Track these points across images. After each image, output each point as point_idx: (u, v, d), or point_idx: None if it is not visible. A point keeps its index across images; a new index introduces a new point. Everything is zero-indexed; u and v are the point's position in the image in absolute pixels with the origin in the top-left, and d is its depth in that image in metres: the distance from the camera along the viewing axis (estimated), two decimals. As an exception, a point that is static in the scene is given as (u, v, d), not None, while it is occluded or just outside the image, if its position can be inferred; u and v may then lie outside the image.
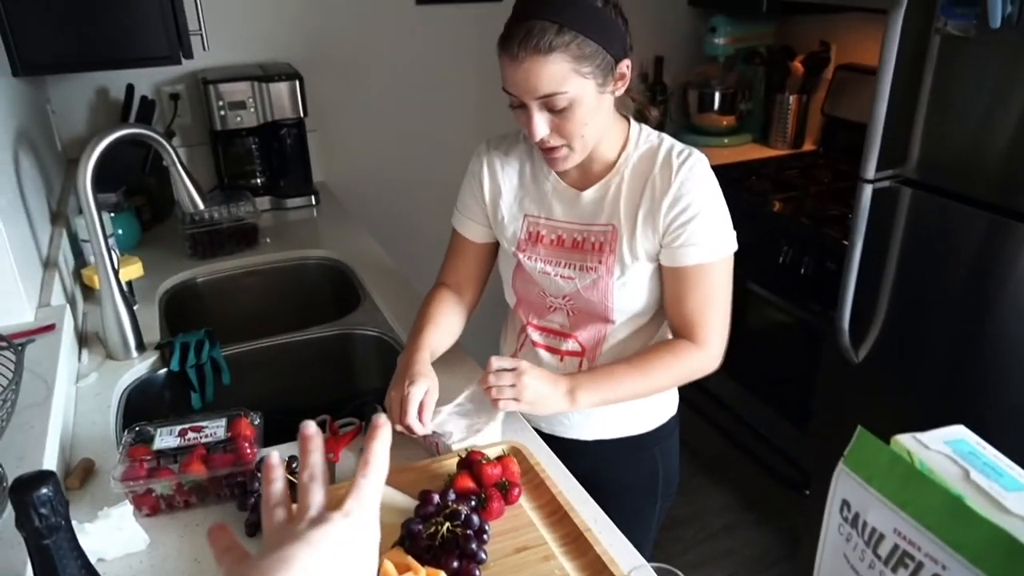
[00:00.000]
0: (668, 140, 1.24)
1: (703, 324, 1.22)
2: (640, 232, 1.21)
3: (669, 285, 1.23)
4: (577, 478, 1.14)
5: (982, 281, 1.62)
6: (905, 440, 0.57)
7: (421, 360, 1.24)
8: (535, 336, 1.37)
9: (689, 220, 1.17)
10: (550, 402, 1.15)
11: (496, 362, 1.15)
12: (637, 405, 1.33)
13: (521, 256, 1.31)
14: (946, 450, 0.55)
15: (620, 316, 1.27)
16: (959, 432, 0.58)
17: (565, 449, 1.23)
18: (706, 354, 1.23)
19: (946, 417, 0.59)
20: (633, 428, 1.39)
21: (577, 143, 1.16)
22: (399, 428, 1.17)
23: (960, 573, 0.49)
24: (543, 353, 1.36)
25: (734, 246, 1.22)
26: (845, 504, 0.58)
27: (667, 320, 1.29)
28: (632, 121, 1.26)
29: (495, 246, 1.39)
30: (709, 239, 1.18)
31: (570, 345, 1.33)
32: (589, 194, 1.25)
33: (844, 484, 0.58)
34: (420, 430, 1.16)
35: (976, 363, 1.67)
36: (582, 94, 1.11)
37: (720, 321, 1.23)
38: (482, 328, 1.45)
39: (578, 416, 1.36)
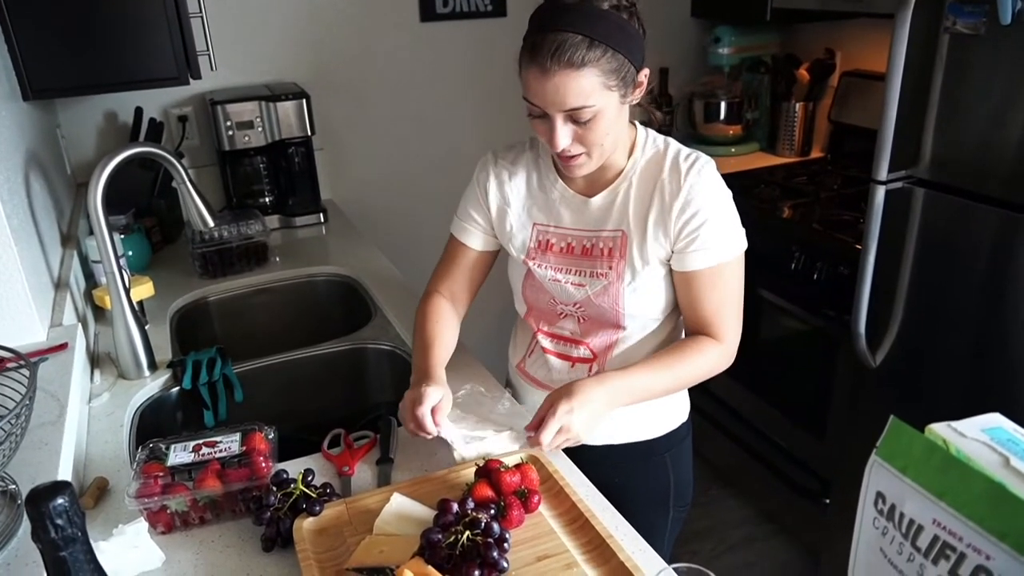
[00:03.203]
0: (674, 144, 1.25)
1: (720, 323, 1.23)
2: (651, 237, 1.20)
3: (682, 289, 1.24)
4: None
5: (999, 280, 1.60)
6: (940, 429, 0.55)
7: (436, 374, 1.24)
8: (546, 343, 1.36)
9: (700, 225, 1.17)
10: (598, 420, 1.15)
11: (545, 441, 1.10)
12: (646, 409, 1.32)
13: (531, 264, 1.31)
14: (983, 437, 0.54)
15: (631, 321, 1.27)
16: (995, 420, 0.56)
17: (573, 456, 1.21)
18: (725, 350, 1.25)
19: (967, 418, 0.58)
20: (642, 433, 1.37)
21: (596, 151, 1.17)
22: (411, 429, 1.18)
23: (1005, 563, 0.47)
24: (553, 360, 1.36)
25: (744, 244, 1.22)
26: (880, 496, 0.56)
27: (683, 320, 1.30)
28: (638, 126, 1.27)
29: (493, 255, 1.40)
30: (720, 242, 1.19)
31: (581, 352, 1.32)
32: (597, 200, 1.25)
33: (878, 476, 0.56)
34: (432, 429, 1.16)
35: (997, 363, 1.65)
36: (607, 106, 1.11)
37: (736, 318, 1.25)
38: (489, 335, 1.45)
39: None
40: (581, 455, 1.22)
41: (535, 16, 1.12)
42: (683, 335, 1.33)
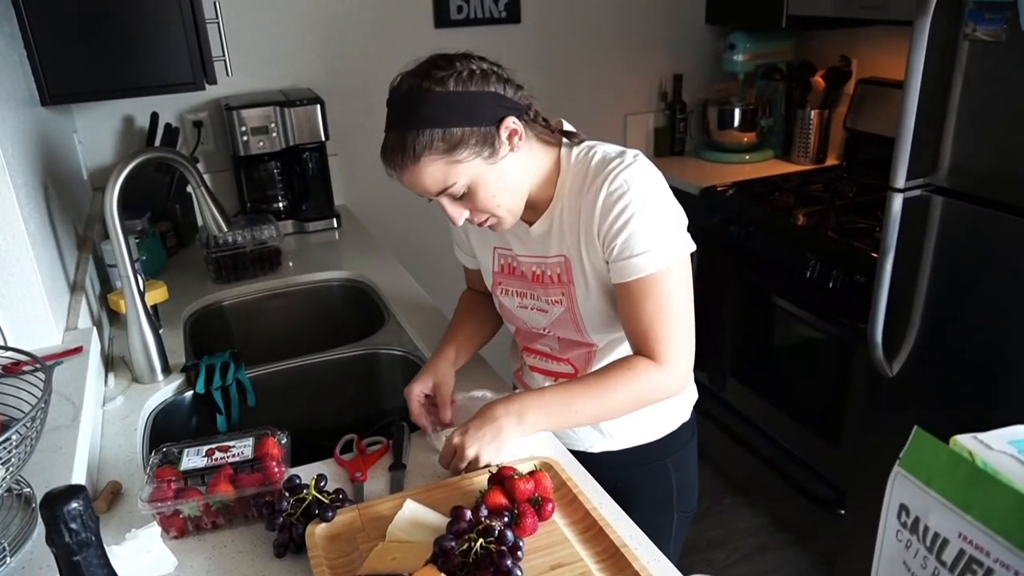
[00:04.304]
0: (601, 149, 1.16)
1: (659, 339, 1.12)
2: (586, 255, 1.16)
3: (620, 301, 1.16)
4: None
5: (1019, 289, 1.58)
6: (965, 440, 0.54)
7: (432, 363, 1.31)
8: (531, 360, 1.37)
9: (623, 226, 1.09)
10: (501, 438, 1.10)
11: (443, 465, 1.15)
12: (645, 412, 1.29)
13: (499, 292, 1.32)
14: (1011, 450, 0.53)
15: (600, 340, 1.26)
16: (1022, 432, 0.55)
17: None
18: (667, 372, 1.13)
19: (986, 430, 0.56)
20: (642, 437, 1.34)
21: (499, 211, 1.13)
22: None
23: (1035, 578, 0.46)
24: (539, 376, 1.37)
25: (685, 248, 1.13)
26: (903, 509, 0.55)
27: (628, 340, 1.20)
28: (563, 143, 1.19)
29: None
30: (650, 247, 1.09)
31: (563, 368, 1.33)
32: (537, 228, 1.21)
33: (901, 487, 0.55)
34: (421, 422, 1.25)
35: (1016, 373, 1.63)
36: (474, 176, 1.08)
37: (679, 334, 1.13)
38: (503, 338, 1.46)
39: (585, 427, 1.34)
40: (580, 461, 1.21)
41: None
42: None
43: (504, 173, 1.11)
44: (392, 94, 1.10)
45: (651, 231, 1.10)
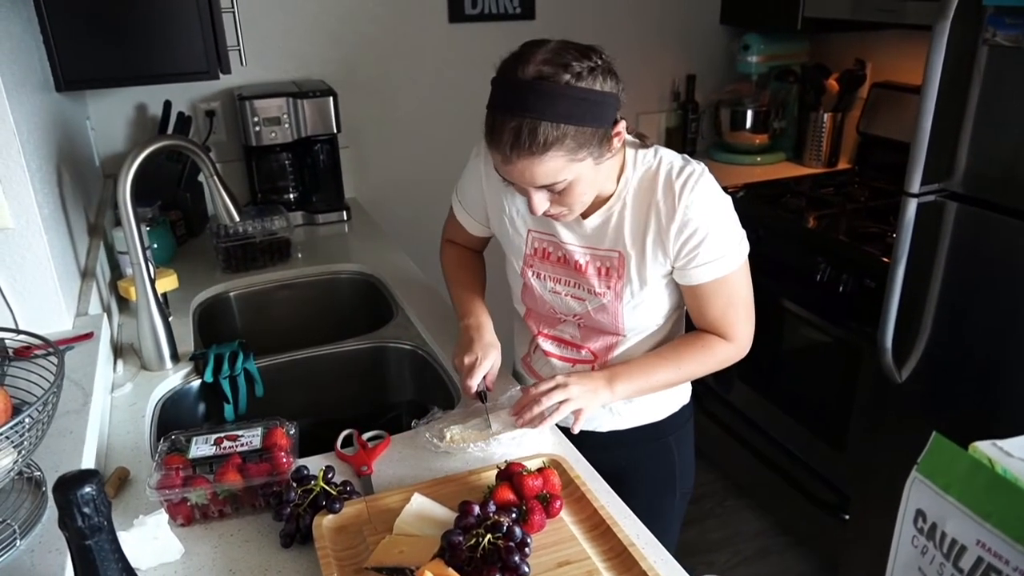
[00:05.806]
0: (667, 157, 1.19)
1: (728, 325, 1.23)
2: (650, 259, 1.19)
3: (688, 299, 1.24)
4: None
5: (1032, 298, 1.57)
6: (984, 447, 0.54)
7: (489, 330, 1.31)
8: (546, 345, 1.37)
9: (700, 243, 1.15)
10: (597, 396, 1.18)
11: (535, 389, 1.18)
12: (651, 395, 1.33)
13: (529, 274, 1.31)
14: (1031, 458, 0.52)
15: (631, 332, 1.28)
16: (1042, 440, 0.55)
17: (580, 442, 1.23)
18: (735, 347, 1.25)
19: (995, 438, 0.56)
20: (648, 416, 1.38)
21: (576, 207, 1.15)
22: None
23: (1054, 587, 0.45)
24: (555, 361, 1.37)
25: (746, 250, 1.21)
26: (920, 514, 0.55)
27: (694, 323, 1.28)
28: (625, 142, 1.20)
29: (491, 236, 1.44)
30: (721, 254, 1.16)
31: (582, 354, 1.33)
32: (592, 221, 1.21)
33: (919, 493, 0.55)
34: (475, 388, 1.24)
35: (1026, 383, 1.62)
36: (579, 174, 1.08)
37: (745, 318, 1.25)
38: (498, 325, 1.44)
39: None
40: (587, 440, 1.24)
41: (494, 85, 1.07)
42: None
43: (600, 172, 1.12)
44: (514, 76, 1.03)
45: (722, 242, 1.16)
